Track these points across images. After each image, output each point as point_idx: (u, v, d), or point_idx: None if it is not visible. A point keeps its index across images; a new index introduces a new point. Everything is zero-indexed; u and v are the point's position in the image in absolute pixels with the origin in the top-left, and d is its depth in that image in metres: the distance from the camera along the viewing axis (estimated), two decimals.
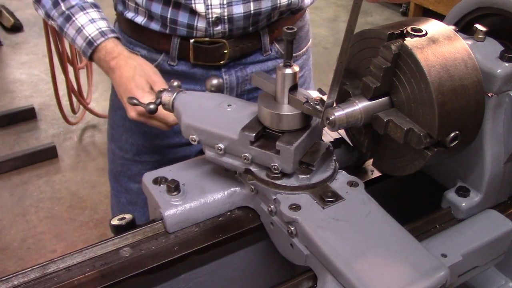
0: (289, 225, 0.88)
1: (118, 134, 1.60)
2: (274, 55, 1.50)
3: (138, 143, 1.57)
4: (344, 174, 0.97)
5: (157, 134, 1.53)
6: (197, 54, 1.41)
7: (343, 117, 0.89)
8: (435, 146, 0.89)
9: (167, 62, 1.45)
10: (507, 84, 0.95)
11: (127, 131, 1.57)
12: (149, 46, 1.46)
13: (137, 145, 1.57)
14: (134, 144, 1.57)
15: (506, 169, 1.01)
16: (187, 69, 1.45)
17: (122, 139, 1.59)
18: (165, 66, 1.45)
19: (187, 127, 0.97)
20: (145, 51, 1.46)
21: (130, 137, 1.57)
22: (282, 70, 0.91)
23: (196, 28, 1.36)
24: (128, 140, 1.58)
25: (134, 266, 0.90)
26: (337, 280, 0.80)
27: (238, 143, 0.93)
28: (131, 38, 1.49)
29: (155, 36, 1.43)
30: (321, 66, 4.39)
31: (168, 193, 0.97)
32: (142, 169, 1.55)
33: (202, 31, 1.37)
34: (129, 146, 1.58)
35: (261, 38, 1.45)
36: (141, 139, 1.56)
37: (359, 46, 0.97)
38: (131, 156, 1.59)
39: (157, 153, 1.57)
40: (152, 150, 1.57)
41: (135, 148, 1.58)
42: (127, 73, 1.28)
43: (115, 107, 1.59)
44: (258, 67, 1.48)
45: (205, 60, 1.42)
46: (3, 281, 0.86)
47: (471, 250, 0.95)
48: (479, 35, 0.99)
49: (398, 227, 0.87)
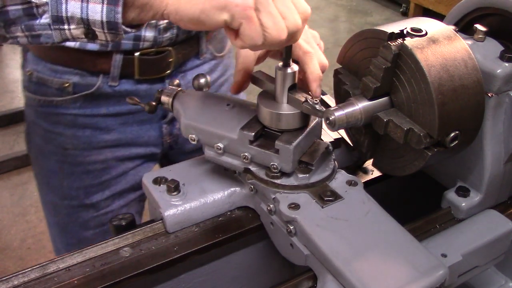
0: (288, 224, 0.88)
1: (57, 182, 1.42)
2: (209, 58, 1.44)
3: (85, 184, 1.40)
4: (343, 174, 0.97)
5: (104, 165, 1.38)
6: (142, 68, 1.29)
7: (343, 117, 0.90)
8: (435, 146, 0.89)
9: (107, 84, 1.30)
10: (507, 84, 0.95)
11: (68, 175, 1.39)
12: (83, 70, 1.28)
13: (84, 187, 1.40)
14: (81, 187, 1.40)
15: (506, 169, 1.01)
16: (130, 87, 1.32)
17: (63, 186, 1.41)
18: (105, 89, 1.31)
19: (186, 126, 0.97)
20: (78, 77, 1.29)
21: (73, 181, 1.40)
22: (282, 69, 0.91)
23: (143, 39, 1.25)
24: (72, 185, 1.40)
25: (134, 266, 0.90)
26: (337, 279, 0.80)
27: (238, 143, 0.93)
28: (56, 65, 1.29)
29: (91, 57, 1.26)
30: None
31: (168, 193, 0.97)
32: (94, 212, 1.42)
33: (150, 40, 1.26)
34: (74, 191, 1.41)
35: (199, 40, 1.38)
36: (87, 178, 1.40)
37: (359, 46, 0.97)
38: (78, 202, 1.42)
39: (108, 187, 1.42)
40: (103, 186, 1.41)
41: (82, 192, 1.41)
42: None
43: (45, 153, 1.40)
44: (196, 72, 1.32)
45: (151, 73, 1.31)
46: (3, 281, 0.85)
47: (471, 250, 0.95)
48: (479, 35, 0.99)
49: (396, 226, 0.87)
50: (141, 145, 1.42)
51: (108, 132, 1.37)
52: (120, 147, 1.39)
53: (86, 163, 1.37)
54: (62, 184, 1.41)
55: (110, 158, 1.39)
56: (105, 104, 1.33)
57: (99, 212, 1.43)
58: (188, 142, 1.46)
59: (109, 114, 1.35)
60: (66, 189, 1.41)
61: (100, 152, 1.38)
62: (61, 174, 1.40)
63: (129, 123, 1.38)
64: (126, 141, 1.39)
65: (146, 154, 1.44)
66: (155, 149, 1.45)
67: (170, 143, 1.46)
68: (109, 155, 1.39)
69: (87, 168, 1.38)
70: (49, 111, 1.34)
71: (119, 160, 1.40)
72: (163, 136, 1.44)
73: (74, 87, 1.31)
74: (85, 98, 1.32)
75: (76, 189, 1.41)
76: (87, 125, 1.35)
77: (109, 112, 1.35)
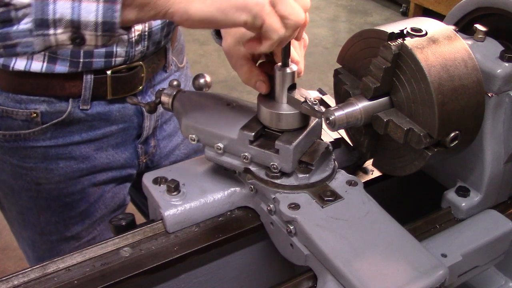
0: (288, 224, 0.88)
1: (33, 218, 1.33)
2: (174, 70, 1.40)
3: (63, 218, 1.33)
4: (343, 174, 0.97)
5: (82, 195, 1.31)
6: (115, 87, 1.22)
7: (343, 117, 0.90)
8: (435, 146, 0.89)
9: (78, 108, 1.21)
10: (507, 84, 0.95)
11: (44, 210, 1.31)
12: (51, 96, 1.18)
13: (63, 220, 1.33)
14: (60, 221, 1.33)
15: (506, 169, 1.01)
16: (103, 109, 1.25)
17: (40, 221, 1.33)
18: (77, 113, 1.22)
19: (186, 127, 0.97)
20: (45, 105, 1.19)
21: (50, 216, 1.32)
22: (281, 69, 0.91)
23: (115, 55, 1.18)
24: (49, 220, 1.32)
25: (134, 266, 0.90)
26: (337, 279, 0.80)
27: (238, 143, 0.93)
28: (20, 95, 1.18)
29: (59, 80, 1.17)
30: (321, 66, 4.39)
31: (168, 193, 0.97)
32: (76, 242, 1.35)
33: (122, 56, 1.19)
34: (52, 226, 1.33)
35: (166, 52, 1.33)
36: (66, 211, 1.32)
37: (359, 46, 0.97)
38: (58, 236, 1.34)
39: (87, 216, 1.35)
40: (82, 216, 1.35)
41: (62, 225, 1.33)
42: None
43: (16, 190, 1.30)
44: (163, 85, 1.30)
45: (124, 91, 1.23)
46: (3, 281, 0.85)
47: (471, 250, 0.95)
48: (479, 35, 0.99)
49: (396, 226, 0.87)
50: (117, 168, 1.36)
51: (83, 161, 1.29)
52: (96, 173, 1.33)
53: (63, 195, 1.30)
54: (39, 220, 1.33)
55: (87, 185, 1.33)
56: (78, 130, 1.25)
57: (81, 242, 1.37)
58: (164, 159, 1.46)
59: (83, 141, 1.27)
60: (44, 224, 1.33)
61: (77, 182, 1.31)
62: (36, 210, 1.31)
63: (103, 147, 1.31)
64: (102, 167, 1.33)
65: (122, 176, 1.39)
66: (131, 171, 1.40)
67: (146, 163, 1.42)
68: (86, 183, 1.32)
69: (64, 201, 1.31)
70: (16, 146, 1.24)
71: (96, 186, 1.34)
72: (138, 157, 1.39)
73: (42, 116, 1.21)
74: (55, 127, 1.23)
75: (55, 223, 1.33)
76: (60, 156, 1.26)
77: (83, 139, 1.27)
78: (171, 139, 1.46)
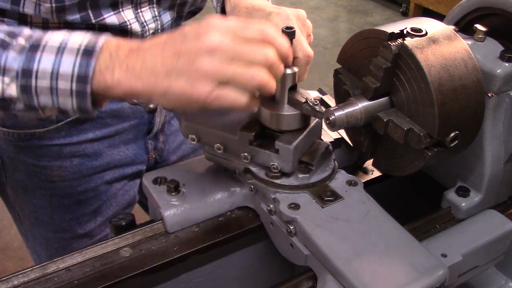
0: (288, 224, 0.88)
1: (46, 217, 1.35)
2: None
3: (77, 216, 1.35)
4: (343, 174, 0.97)
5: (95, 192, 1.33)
6: None
7: (343, 117, 0.90)
8: (435, 146, 0.89)
9: None
10: (507, 84, 0.95)
11: (57, 208, 1.33)
12: None
13: (77, 218, 1.35)
14: (73, 218, 1.35)
15: (506, 169, 1.01)
16: (115, 106, 1.27)
17: (54, 219, 1.35)
18: None
19: (187, 126, 0.97)
20: None
21: (64, 213, 1.34)
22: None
23: None
24: (63, 217, 1.34)
25: (134, 266, 0.90)
26: (337, 279, 0.80)
27: (238, 143, 0.93)
28: None
29: None
30: (321, 66, 4.39)
31: (168, 193, 0.97)
32: (88, 240, 1.37)
33: None
34: (66, 223, 1.35)
35: None
36: (79, 208, 1.34)
37: (359, 46, 0.97)
38: (71, 234, 1.36)
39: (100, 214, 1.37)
40: (95, 213, 1.36)
41: (75, 222, 1.36)
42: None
43: (30, 188, 1.31)
44: None
45: None
46: (3, 281, 0.85)
47: (471, 250, 0.95)
48: (479, 35, 0.99)
49: (396, 226, 0.87)
50: (128, 164, 1.38)
51: (96, 158, 1.31)
52: (108, 170, 1.35)
53: (77, 193, 1.31)
54: (52, 218, 1.35)
55: (100, 183, 1.34)
56: (92, 128, 1.26)
57: (94, 240, 1.39)
58: (172, 154, 1.47)
59: (96, 138, 1.29)
60: (57, 222, 1.35)
61: (90, 179, 1.32)
62: (50, 208, 1.33)
63: (116, 144, 1.33)
64: (114, 164, 1.35)
65: (133, 173, 1.40)
66: (141, 167, 1.41)
67: (155, 158, 1.44)
68: (99, 181, 1.34)
69: (78, 198, 1.33)
70: (31, 144, 1.25)
71: (108, 184, 1.36)
72: (148, 152, 1.40)
73: (57, 115, 1.21)
74: (69, 125, 1.24)
75: (69, 220, 1.35)
76: (74, 154, 1.28)
77: (96, 137, 1.29)
78: (178, 133, 1.48)
